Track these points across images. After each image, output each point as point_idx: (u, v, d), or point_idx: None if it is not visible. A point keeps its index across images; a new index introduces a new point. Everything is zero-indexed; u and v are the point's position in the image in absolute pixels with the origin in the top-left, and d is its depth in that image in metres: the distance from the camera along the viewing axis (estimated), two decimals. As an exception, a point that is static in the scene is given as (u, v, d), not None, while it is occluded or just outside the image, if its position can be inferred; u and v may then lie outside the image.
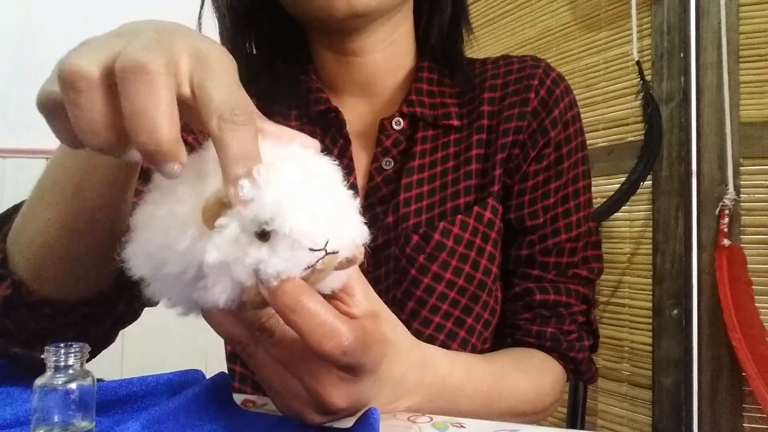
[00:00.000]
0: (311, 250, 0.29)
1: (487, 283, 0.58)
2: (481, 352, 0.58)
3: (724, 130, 1.07)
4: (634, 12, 1.19)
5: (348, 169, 0.59)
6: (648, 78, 1.18)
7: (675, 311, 1.12)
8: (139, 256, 0.31)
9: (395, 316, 0.42)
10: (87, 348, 0.33)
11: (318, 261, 0.29)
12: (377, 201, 0.59)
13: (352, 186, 0.58)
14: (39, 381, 0.31)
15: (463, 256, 0.57)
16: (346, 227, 0.31)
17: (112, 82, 0.27)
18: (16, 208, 0.52)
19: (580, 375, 0.63)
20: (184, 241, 0.29)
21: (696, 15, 1.12)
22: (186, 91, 0.29)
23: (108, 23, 0.35)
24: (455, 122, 0.61)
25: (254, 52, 0.66)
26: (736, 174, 1.07)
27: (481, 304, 0.58)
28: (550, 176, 0.61)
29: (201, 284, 0.30)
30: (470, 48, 0.68)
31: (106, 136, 0.28)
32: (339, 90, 0.64)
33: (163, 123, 0.26)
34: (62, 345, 0.32)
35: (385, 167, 0.60)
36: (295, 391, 0.35)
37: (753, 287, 1.04)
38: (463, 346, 0.57)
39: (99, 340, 0.54)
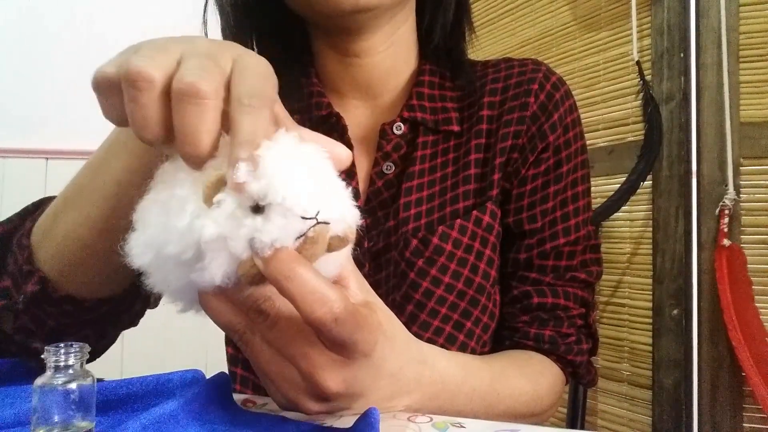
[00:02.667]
0: (303, 218, 0.30)
1: (486, 287, 0.58)
2: (481, 354, 0.58)
3: (724, 130, 1.07)
4: (634, 12, 1.19)
5: (350, 174, 0.59)
6: (648, 78, 1.18)
7: (675, 311, 1.12)
8: (141, 245, 0.32)
9: (391, 312, 0.42)
10: (87, 348, 0.33)
11: (310, 229, 0.30)
12: (378, 205, 0.59)
13: (354, 190, 0.58)
14: (39, 381, 0.31)
15: (462, 260, 0.57)
16: (337, 203, 0.32)
17: (169, 87, 0.31)
18: (36, 205, 0.53)
19: (579, 378, 0.63)
20: (183, 219, 0.30)
21: (696, 15, 1.12)
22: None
23: (109, 24, 0.35)
24: (455, 128, 0.61)
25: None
26: (736, 174, 1.07)
27: (480, 307, 0.58)
28: (549, 180, 0.61)
29: (199, 265, 0.31)
30: (470, 48, 0.68)
31: (154, 132, 0.31)
32: (340, 93, 0.64)
33: (205, 139, 0.30)
34: (62, 345, 0.32)
35: (386, 171, 0.60)
36: (291, 377, 0.36)
37: (753, 287, 1.04)
38: (462, 350, 0.57)
39: (112, 339, 0.55)
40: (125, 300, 0.52)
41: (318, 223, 0.31)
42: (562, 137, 0.61)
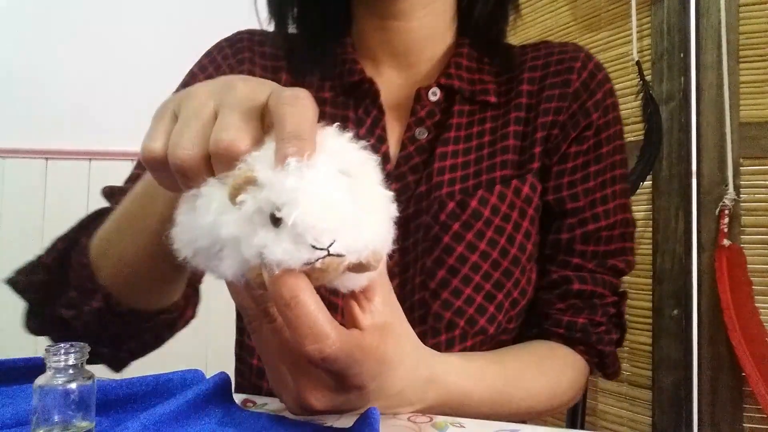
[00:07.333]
0: (313, 247, 0.28)
1: (521, 260, 0.57)
2: (506, 330, 0.57)
3: (724, 130, 1.07)
4: (634, 12, 1.19)
5: (380, 139, 0.58)
6: (648, 78, 1.18)
7: (675, 311, 1.12)
8: (180, 240, 0.34)
9: (410, 330, 0.40)
10: (87, 348, 0.33)
11: (318, 260, 0.29)
12: (409, 170, 0.58)
13: (384, 155, 0.58)
14: (39, 381, 0.31)
15: (499, 228, 0.56)
16: (361, 232, 0.30)
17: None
18: (92, 218, 0.54)
19: (605, 368, 0.62)
20: (208, 216, 0.30)
21: (696, 15, 1.11)
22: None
23: (109, 24, 0.35)
24: (492, 98, 0.60)
25: (296, 25, 0.66)
26: (736, 174, 1.07)
27: (513, 281, 0.56)
28: (590, 160, 0.60)
29: (217, 256, 0.31)
30: (512, 30, 0.68)
31: None
32: (377, 61, 0.64)
33: None
34: (62, 345, 0.32)
35: (419, 137, 0.59)
36: (284, 379, 0.36)
37: (753, 287, 1.04)
38: (490, 323, 0.55)
39: (164, 341, 0.58)
40: (179, 307, 0.55)
41: (329, 255, 0.29)
42: (603, 118, 0.61)
